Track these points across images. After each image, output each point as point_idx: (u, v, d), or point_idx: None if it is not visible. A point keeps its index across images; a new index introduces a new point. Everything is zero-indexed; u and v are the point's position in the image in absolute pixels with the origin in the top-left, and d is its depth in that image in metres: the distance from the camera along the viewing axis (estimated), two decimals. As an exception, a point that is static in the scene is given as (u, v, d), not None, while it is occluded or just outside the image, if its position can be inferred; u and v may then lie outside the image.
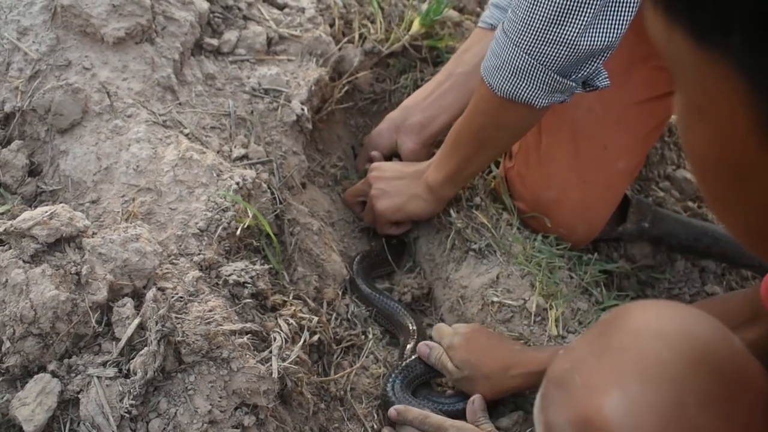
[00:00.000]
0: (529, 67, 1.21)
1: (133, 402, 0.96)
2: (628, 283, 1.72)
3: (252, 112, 1.47)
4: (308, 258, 1.40)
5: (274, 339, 1.11)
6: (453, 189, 1.47)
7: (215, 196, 1.22)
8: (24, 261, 1.02)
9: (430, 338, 1.33)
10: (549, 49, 1.18)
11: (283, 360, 1.09)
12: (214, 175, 1.26)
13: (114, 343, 1.02)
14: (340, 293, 1.41)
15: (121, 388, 0.97)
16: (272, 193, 1.35)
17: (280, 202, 1.37)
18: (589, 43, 1.17)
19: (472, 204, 1.51)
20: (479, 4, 2.01)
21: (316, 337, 1.23)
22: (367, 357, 1.34)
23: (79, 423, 0.97)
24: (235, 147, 1.39)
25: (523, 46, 1.20)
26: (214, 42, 1.53)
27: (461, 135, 1.38)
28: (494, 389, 1.22)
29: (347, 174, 1.71)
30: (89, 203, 1.23)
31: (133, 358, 0.99)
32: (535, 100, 1.25)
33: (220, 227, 1.20)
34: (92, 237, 1.07)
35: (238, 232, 1.22)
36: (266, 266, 1.22)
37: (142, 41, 1.39)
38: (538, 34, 1.18)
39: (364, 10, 1.75)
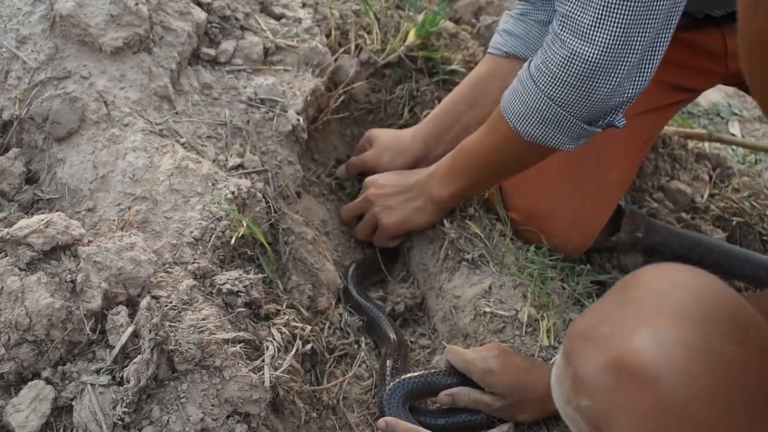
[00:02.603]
0: (560, 118, 1.22)
1: (126, 409, 0.97)
2: (621, 293, 1.72)
3: (248, 121, 1.48)
4: (302, 267, 1.40)
5: (267, 348, 1.12)
6: (457, 203, 1.50)
7: (210, 206, 1.23)
8: (20, 268, 1.03)
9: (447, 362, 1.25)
10: (583, 104, 1.20)
11: (276, 369, 1.09)
12: (210, 184, 1.27)
13: (108, 350, 1.03)
14: (333, 302, 1.41)
15: (114, 396, 0.98)
16: (267, 203, 1.36)
17: (275, 212, 1.38)
18: (623, 95, 1.20)
19: (466, 214, 1.52)
20: (475, 16, 2.03)
21: (308, 346, 1.24)
22: (359, 366, 1.35)
23: (72, 430, 0.97)
24: (230, 156, 1.40)
25: (556, 99, 1.21)
26: (211, 52, 1.54)
27: (475, 160, 1.39)
28: (538, 412, 1.19)
29: (342, 184, 1.72)
30: (85, 211, 1.24)
31: (126, 366, 1.00)
32: (563, 146, 1.27)
33: (215, 236, 1.21)
34: (88, 245, 1.08)
35: (233, 241, 1.23)
36: (260, 275, 1.22)
37: (140, 51, 1.40)
38: (572, 90, 1.18)
39: (361, 21, 1.76)
